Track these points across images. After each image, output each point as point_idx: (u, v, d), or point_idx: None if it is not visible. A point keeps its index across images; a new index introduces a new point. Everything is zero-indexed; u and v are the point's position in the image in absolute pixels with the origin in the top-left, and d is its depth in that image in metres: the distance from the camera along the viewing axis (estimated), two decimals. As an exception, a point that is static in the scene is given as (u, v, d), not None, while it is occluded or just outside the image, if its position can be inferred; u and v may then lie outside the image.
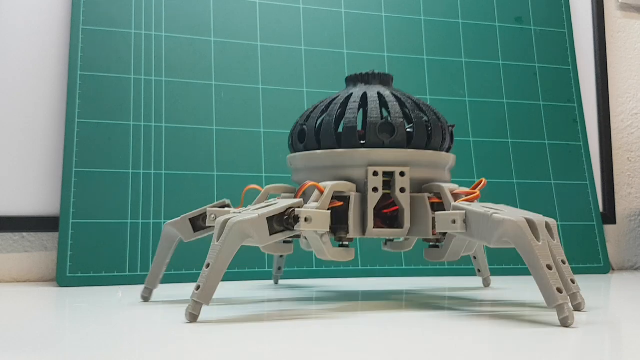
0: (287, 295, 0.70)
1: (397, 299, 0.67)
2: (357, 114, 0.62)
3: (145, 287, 0.64)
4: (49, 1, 0.86)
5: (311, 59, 0.92)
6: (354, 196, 0.58)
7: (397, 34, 0.96)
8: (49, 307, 0.64)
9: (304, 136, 0.63)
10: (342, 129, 0.61)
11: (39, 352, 0.42)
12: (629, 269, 1.06)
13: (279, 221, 0.55)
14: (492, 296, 0.70)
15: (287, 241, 0.66)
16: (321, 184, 0.58)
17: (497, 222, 0.52)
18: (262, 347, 0.43)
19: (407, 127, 0.62)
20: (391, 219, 0.60)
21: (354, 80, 0.66)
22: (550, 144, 0.98)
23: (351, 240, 0.59)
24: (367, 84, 0.65)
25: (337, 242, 0.59)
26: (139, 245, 0.81)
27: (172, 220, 0.63)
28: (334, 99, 0.63)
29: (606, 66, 1.07)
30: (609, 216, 1.04)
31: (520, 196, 0.94)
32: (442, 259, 0.61)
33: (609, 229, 1.05)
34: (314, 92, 0.91)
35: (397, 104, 0.62)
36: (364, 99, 0.63)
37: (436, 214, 0.57)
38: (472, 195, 0.58)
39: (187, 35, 0.88)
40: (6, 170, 0.83)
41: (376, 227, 0.59)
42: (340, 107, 0.62)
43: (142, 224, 0.82)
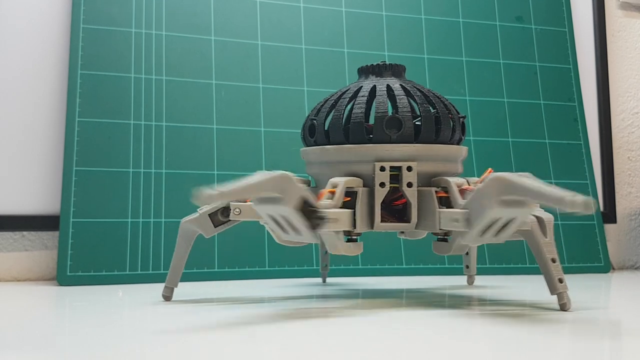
0: (288, 293, 0.70)
1: (397, 298, 0.67)
2: (366, 108, 0.62)
3: (166, 286, 0.64)
4: (49, 0, 0.86)
5: (312, 58, 0.92)
6: (362, 191, 0.58)
7: (397, 33, 0.96)
8: (50, 306, 0.64)
9: (314, 131, 0.63)
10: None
11: (39, 351, 0.42)
12: (629, 268, 1.06)
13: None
14: (491, 295, 0.70)
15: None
16: (334, 180, 0.58)
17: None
18: (262, 347, 0.43)
19: (415, 120, 0.62)
20: (400, 212, 0.60)
21: (365, 71, 0.65)
22: (550, 143, 0.98)
23: (359, 234, 0.59)
24: (378, 76, 0.64)
25: (346, 237, 0.59)
26: (140, 244, 0.81)
27: (189, 217, 0.63)
28: (344, 93, 0.63)
29: (607, 65, 1.07)
30: (610, 215, 1.04)
31: (520, 195, 0.94)
32: (449, 252, 0.62)
33: (609, 228, 1.05)
34: (314, 91, 0.91)
35: (406, 98, 0.61)
36: (373, 92, 0.63)
37: (440, 211, 0.57)
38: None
39: (187, 34, 0.88)
40: (6, 169, 0.83)
41: (384, 221, 0.59)
42: (349, 101, 0.62)
43: (142, 222, 0.82)
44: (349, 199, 0.58)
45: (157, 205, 0.83)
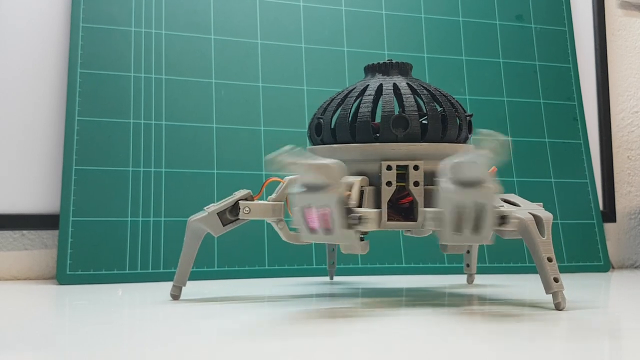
0: (288, 293, 0.70)
1: (396, 297, 0.67)
2: (373, 106, 0.62)
3: (174, 285, 0.64)
4: (49, 0, 0.86)
5: (311, 57, 0.92)
6: (368, 190, 0.58)
7: (397, 32, 0.96)
8: (49, 305, 0.64)
9: (320, 129, 0.63)
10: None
11: (39, 350, 0.42)
12: (629, 267, 1.06)
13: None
14: (491, 294, 0.70)
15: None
16: (348, 179, 0.58)
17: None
18: (262, 347, 0.43)
19: (422, 119, 0.62)
20: (406, 210, 0.60)
21: (372, 70, 0.65)
22: (550, 142, 0.98)
23: (366, 233, 0.59)
24: (385, 75, 0.64)
25: None
26: (139, 243, 0.81)
27: (197, 215, 0.63)
28: (351, 91, 0.63)
29: (606, 64, 1.07)
30: (609, 214, 1.04)
31: (520, 194, 0.93)
32: (445, 251, 0.64)
33: (609, 227, 1.05)
34: (314, 90, 0.91)
35: (412, 97, 0.62)
36: (379, 91, 0.63)
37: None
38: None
39: (187, 33, 0.88)
40: (6, 168, 0.83)
41: (391, 219, 0.59)
42: (355, 100, 0.62)
43: (142, 221, 0.82)
44: None
45: (156, 204, 0.83)
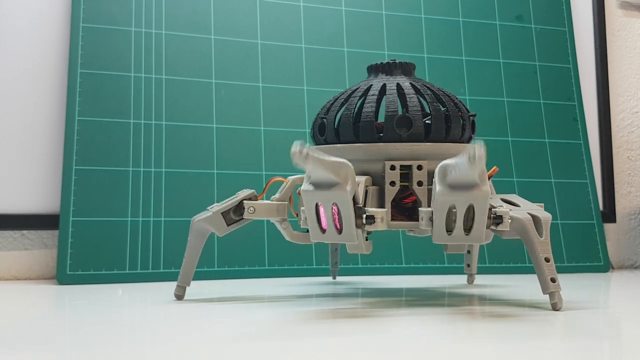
0: (288, 293, 0.70)
1: (396, 297, 0.67)
2: (376, 106, 0.62)
3: (178, 285, 0.64)
4: (49, 0, 0.86)
5: (311, 57, 0.92)
6: (372, 189, 0.59)
7: (397, 32, 0.96)
8: (49, 305, 0.64)
9: (324, 129, 0.63)
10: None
11: (39, 350, 0.42)
12: (628, 267, 1.06)
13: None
14: (491, 294, 0.70)
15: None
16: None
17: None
18: (261, 347, 0.43)
19: (426, 119, 0.62)
20: (409, 210, 0.61)
21: (375, 70, 0.65)
22: (550, 142, 0.98)
23: (369, 233, 0.59)
24: (388, 74, 0.64)
25: None
26: (139, 243, 0.81)
27: (202, 215, 0.63)
28: (354, 91, 0.63)
29: (606, 64, 1.07)
30: (609, 215, 1.04)
31: (520, 194, 0.94)
32: (446, 250, 0.64)
33: (609, 227, 1.05)
34: (314, 90, 0.91)
35: (416, 97, 0.62)
36: (382, 91, 0.63)
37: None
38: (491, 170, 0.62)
39: (187, 33, 0.88)
40: (6, 168, 0.83)
41: (394, 219, 0.59)
42: (359, 99, 0.62)
43: (142, 221, 0.82)
44: None
45: (156, 204, 0.83)
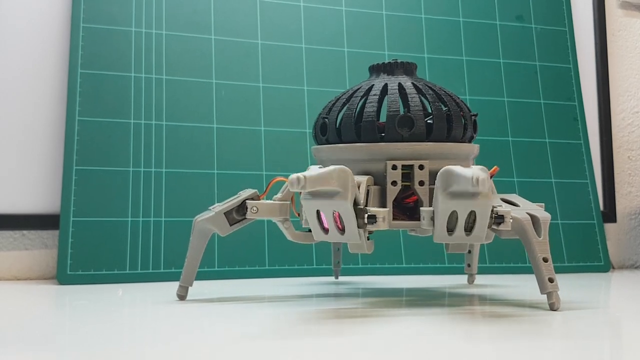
0: (288, 293, 0.70)
1: (397, 297, 0.67)
2: (378, 106, 0.62)
3: (180, 285, 0.64)
4: (49, 0, 0.86)
5: (312, 57, 0.92)
6: (373, 189, 0.59)
7: (397, 32, 0.96)
8: (50, 305, 0.64)
9: (325, 129, 0.63)
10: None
11: (39, 350, 0.42)
12: (629, 267, 1.06)
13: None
14: (491, 294, 0.70)
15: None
16: (355, 179, 0.58)
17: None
18: (261, 346, 0.43)
19: (427, 119, 0.62)
20: (411, 209, 0.61)
21: (376, 70, 0.65)
22: (550, 142, 0.98)
23: (371, 232, 0.59)
24: (390, 74, 0.64)
25: None
26: (140, 243, 0.81)
27: (204, 215, 0.63)
28: (356, 91, 0.63)
29: (607, 64, 1.07)
30: (610, 214, 1.04)
31: (520, 194, 0.94)
32: (447, 250, 0.64)
33: (609, 227, 1.05)
34: (314, 90, 0.91)
35: (417, 96, 0.62)
36: (384, 91, 0.63)
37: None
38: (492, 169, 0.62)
39: (187, 33, 0.88)
40: (6, 168, 0.83)
41: (395, 218, 0.59)
42: (360, 99, 0.63)
43: (142, 221, 0.82)
44: None
45: (157, 204, 0.83)
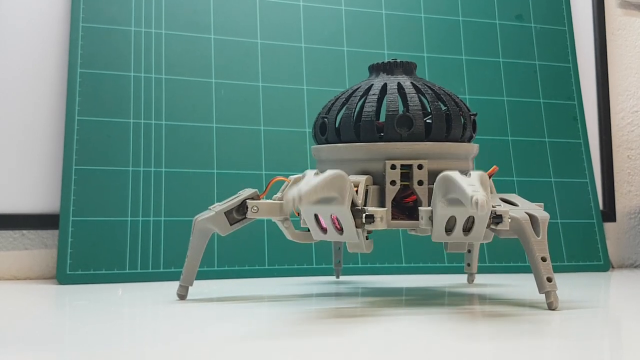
0: (288, 292, 0.70)
1: (396, 296, 0.67)
2: (377, 106, 0.62)
3: (180, 284, 0.64)
4: (49, 0, 0.86)
5: (311, 57, 0.92)
6: (372, 189, 0.59)
7: (397, 32, 0.96)
8: (49, 304, 0.64)
9: (325, 129, 0.63)
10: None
11: (38, 350, 0.42)
12: (628, 266, 1.06)
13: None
14: (491, 294, 0.70)
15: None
16: (354, 178, 0.58)
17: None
18: (261, 346, 0.43)
19: (426, 118, 0.62)
20: (410, 209, 0.61)
21: (376, 69, 0.66)
22: (550, 141, 0.98)
23: (371, 232, 0.59)
24: (389, 74, 0.65)
25: None
26: (139, 242, 0.81)
27: (204, 215, 0.63)
28: (355, 91, 0.63)
29: (606, 64, 1.07)
30: (609, 214, 1.04)
31: (520, 194, 0.94)
32: (446, 249, 0.65)
33: (608, 226, 1.05)
34: (314, 89, 0.91)
35: (416, 96, 0.62)
36: (383, 90, 0.63)
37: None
38: (491, 170, 0.62)
39: (187, 33, 0.88)
40: (6, 168, 0.83)
41: (395, 218, 0.59)
42: (360, 99, 0.63)
43: (142, 221, 0.82)
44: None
45: (156, 203, 0.83)
